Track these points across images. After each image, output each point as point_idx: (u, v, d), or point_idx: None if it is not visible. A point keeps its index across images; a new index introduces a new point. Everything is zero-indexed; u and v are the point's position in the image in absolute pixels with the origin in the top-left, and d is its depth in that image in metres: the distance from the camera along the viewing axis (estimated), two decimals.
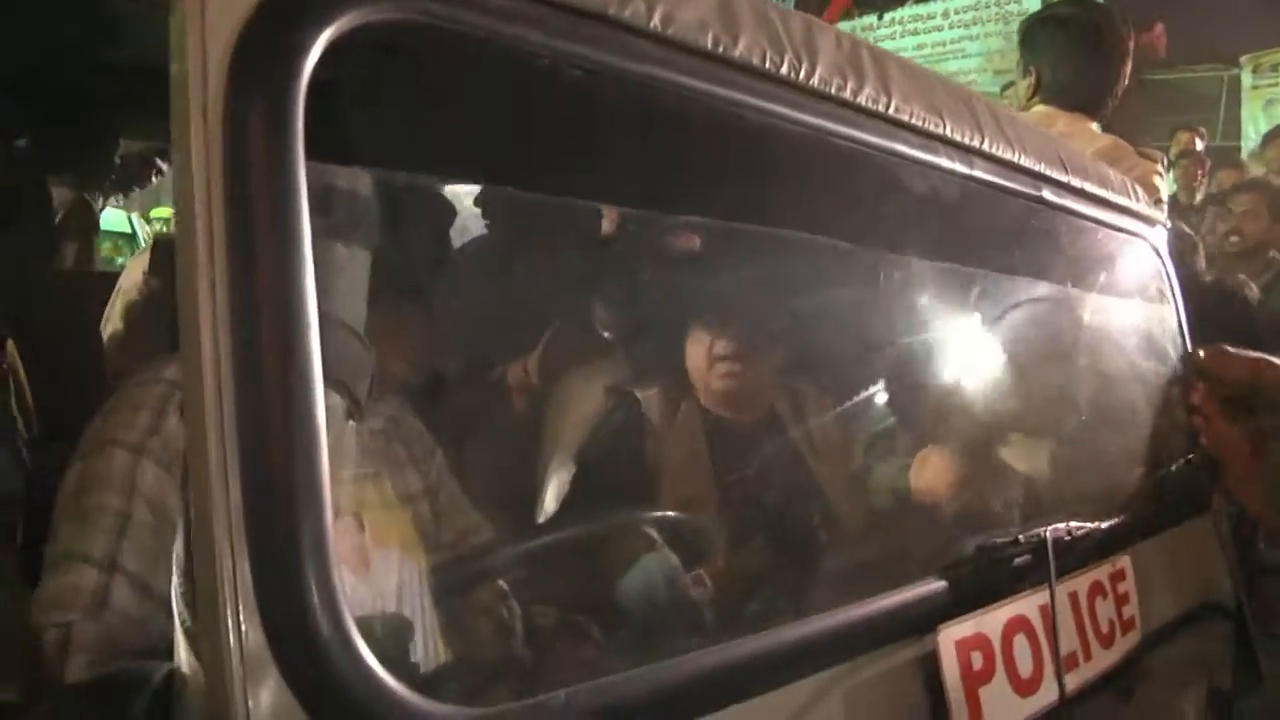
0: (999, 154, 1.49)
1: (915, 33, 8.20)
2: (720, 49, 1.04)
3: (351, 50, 0.78)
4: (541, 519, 1.48)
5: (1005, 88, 8.66)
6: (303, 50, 0.75)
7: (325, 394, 0.72)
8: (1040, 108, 2.52)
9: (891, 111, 1.27)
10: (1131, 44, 2.51)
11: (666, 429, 1.73)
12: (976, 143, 1.44)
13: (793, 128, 1.15)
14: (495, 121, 0.97)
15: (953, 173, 1.40)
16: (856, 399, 1.81)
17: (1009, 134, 1.53)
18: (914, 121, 1.31)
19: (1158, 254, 2.05)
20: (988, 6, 7.79)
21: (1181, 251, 2.44)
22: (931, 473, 1.71)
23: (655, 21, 0.98)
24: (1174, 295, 2.06)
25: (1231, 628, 1.57)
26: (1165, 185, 2.40)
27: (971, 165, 1.43)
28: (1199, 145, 6.18)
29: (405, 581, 0.96)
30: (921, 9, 8.14)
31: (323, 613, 0.67)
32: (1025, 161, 1.55)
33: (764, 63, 1.09)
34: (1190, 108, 7.85)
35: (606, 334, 1.84)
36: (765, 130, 1.14)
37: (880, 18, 8.25)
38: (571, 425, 1.78)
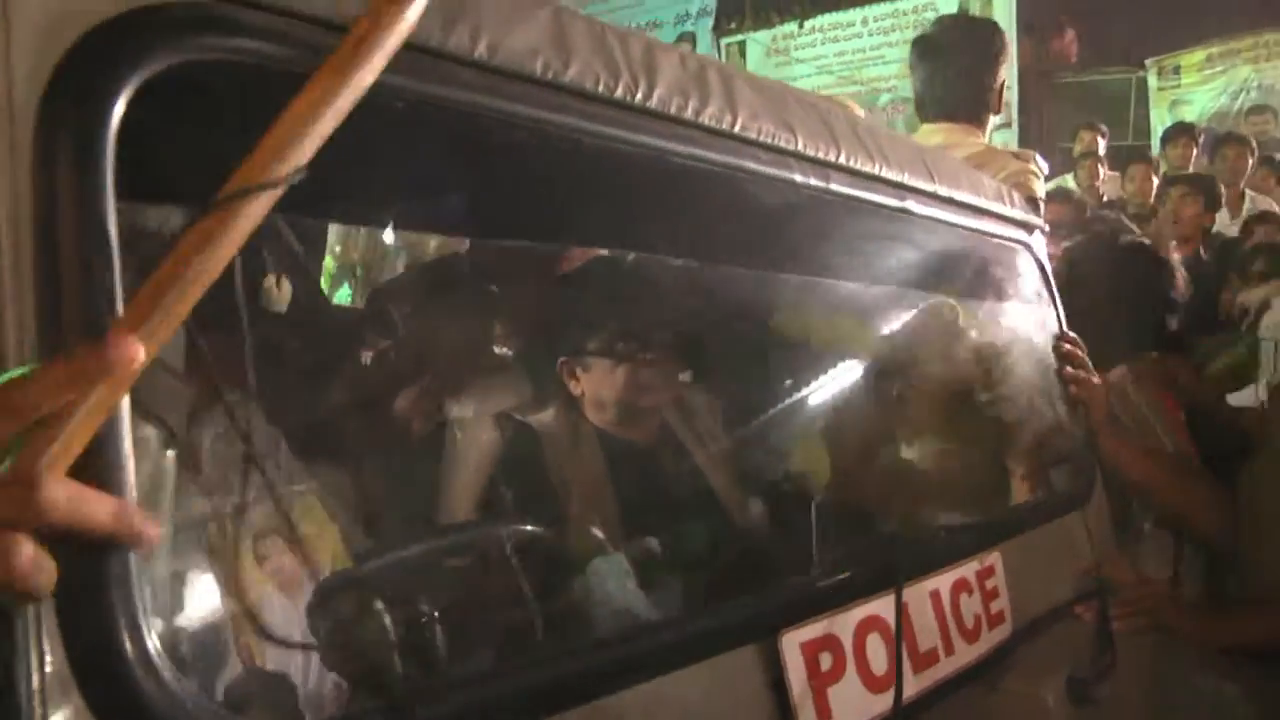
0: (858, 167, 1.53)
1: (836, 40, 8.33)
2: (550, 75, 1.06)
3: (163, 90, 0.79)
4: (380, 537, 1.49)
5: None
6: (112, 93, 0.76)
7: (137, 425, 0.73)
8: (924, 126, 2.61)
9: (738, 129, 1.31)
10: (1004, 49, 2.62)
11: (561, 452, 1.74)
12: (833, 157, 1.48)
13: (636, 150, 1.18)
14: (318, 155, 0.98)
15: (808, 187, 1.43)
16: (739, 405, 1.85)
17: (869, 147, 1.58)
18: (762, 138, 1.34)
19: (1034, 257, 2.12)
20: (905, 14, 7.96)
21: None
22: (808, 475, 1.75)
23: (480, 51, 1.00)
24: (1052, 296, 2.13)
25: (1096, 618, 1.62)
26: (1041, 185, 2.49)
27: (828, 179, 1.47)
28: (1101, 144, 6.37)
29: (230, 601, 0.97)
30: (841, 16, 8.28)
31: (125, 633, 0.68)
32: (887, 173, 1.60)
33: (597, 86, 1.11)
34: (1101, 108, 8.10)
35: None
36: (609, 153, 1.16)
37: (801, 25, 8.38)
38: (465, 453, 1.78)
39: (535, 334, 1.95)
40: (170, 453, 0.83)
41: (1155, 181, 5.56)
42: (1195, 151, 6.17)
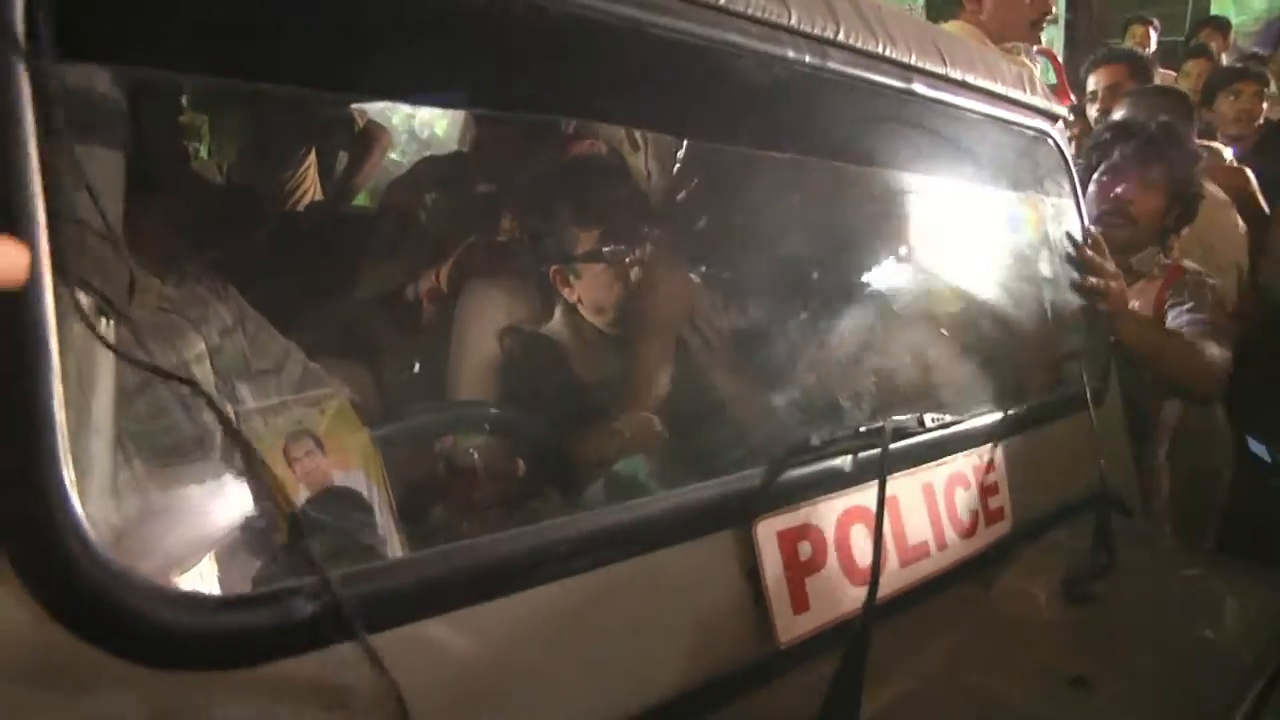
0: (858, 45, 1.45)
1: None
2: None
3: None
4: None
5: None
6: None
7: (66, 294, 0.72)
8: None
9: (724, 1, 1.23)
10: None
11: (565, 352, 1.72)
12: (830, 34, 1.40)
13: (609, 20, 1.12)
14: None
15: (803, 65, 1.36)
16: (744, 293, 1.80)
17: (873, 25, 1.49)
18: (751, 11, 1.27)
19: (1056, 146, 2.03)
20: None
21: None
22: (814, 365, 1.71)
23: None
24: (1074, 188, 2.05)
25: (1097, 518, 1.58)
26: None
27: (825, 57, 1.40)
28: (1153, 38, 6.05)
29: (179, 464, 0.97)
30: None
31: (50, 499, 0.67)
32: (891, 52, 1.52)
33: None
34: (1156, 1, 7.70)
35: None
36: (584, 23, 1.10)
37: None
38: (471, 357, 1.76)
39: (537, 229, 1.90)
40: (107, 320, 0.82)
41: None
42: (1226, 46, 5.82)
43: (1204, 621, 1.50)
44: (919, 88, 1.58)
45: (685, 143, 1.70)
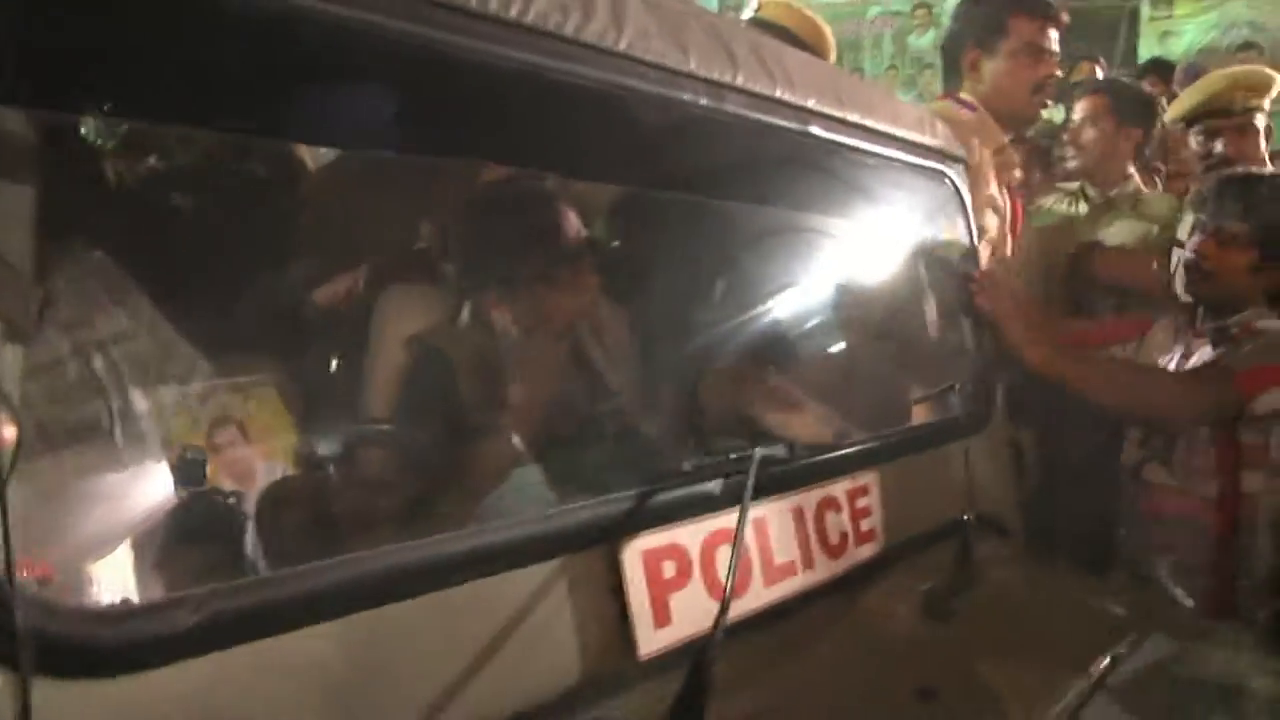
0: (756, 89, 1.53)
1: None
2: None
3: None
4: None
5: (916, 7, 8.72)
6: None
7: None
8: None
9: (623, 48, 1.31)
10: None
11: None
12: (729, 78, 1.48)
13: (511, 66, 1.19)
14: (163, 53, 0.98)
15: (700, 108, 1.44)
16: (649, 325, 1.88)
17: (772, 70, 1.58)
18: (649, 58, 1.35)
19: (954, 186, 2.14)
20: None
21: None
22: (720, 396, 1.80)
23: None
24: (969, 225, 2.16)
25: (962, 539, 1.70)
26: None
27: (722, 100, 1.48)
28: (1099, 74, 6.24)
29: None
30: None
31: None
32: (788, 96, 1.60)
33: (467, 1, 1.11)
34: (1093, 37, 7.96)
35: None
36: (486, 71, 1.17)
37: None
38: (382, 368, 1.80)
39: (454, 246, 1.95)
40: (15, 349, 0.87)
41: None
42: (1167, 90, 6.08)
43: (1051, 630, 1.61)
44: (815, 129, 1.67)
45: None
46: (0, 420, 0.79)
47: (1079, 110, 3.33)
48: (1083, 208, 3.34)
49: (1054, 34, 2.60)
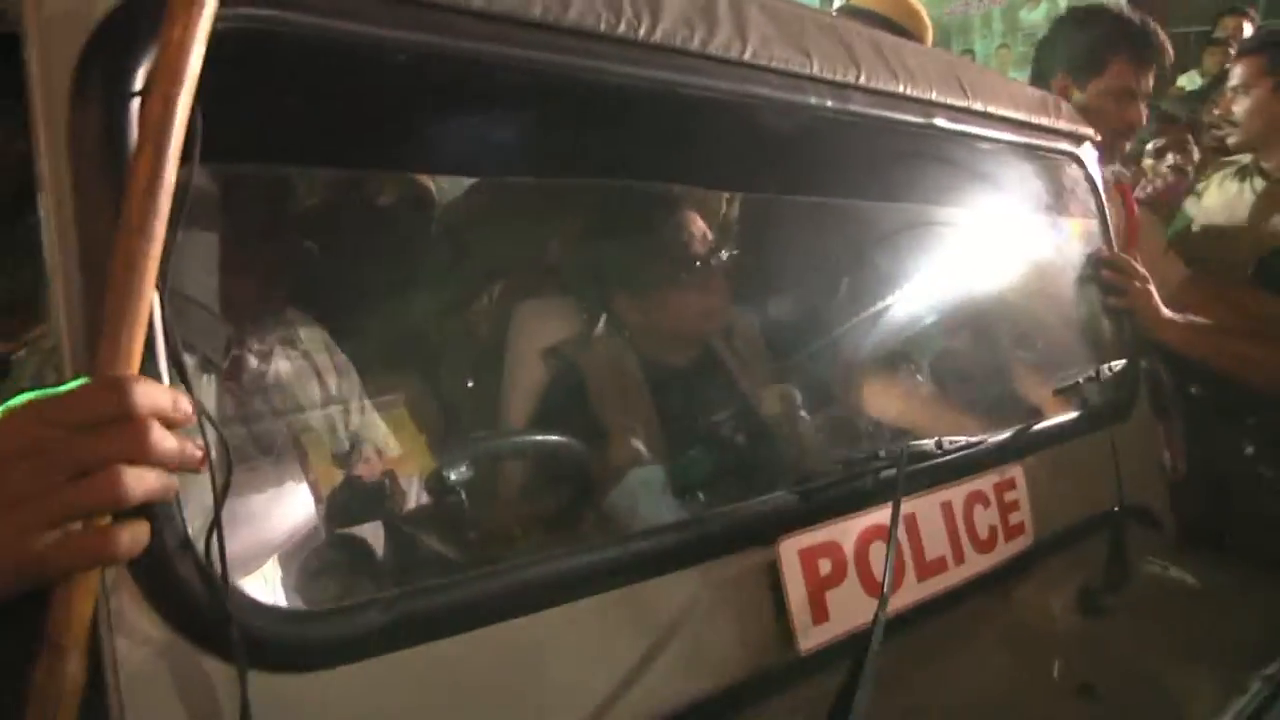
0: (879, 87, 1.54)
1: None
2: (550, 18, 1.11)
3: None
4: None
5: None
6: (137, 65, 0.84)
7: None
8: None
9: (748, 57, 1.33)
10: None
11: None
12: (852, 78, 1.49)
13: (643, 85, 1.23)
14: (327, 109, 1.06)
15: (826, 110, 1.46)
16: (781, 328, 1.90)
17: (893, 65, 1.58)
18: (774, 64, 1.37)
19: (1083, 167, 2.09)
20: None
21: None
22: (859, 394, 1.81)
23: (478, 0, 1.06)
24: (1100, 209, 2.11)
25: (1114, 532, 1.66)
26: None
27: (847, 101, 1.49)
28: (1247, 30, 5.64)
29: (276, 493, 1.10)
30: None
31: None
32: (911, 90, 1.60)
33: (599, 25, 1.16)
34: None
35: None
36: (619, 91, 1.21)
37: None
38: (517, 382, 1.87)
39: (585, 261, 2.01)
40: (209, 376, 0.95)
41: None
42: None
43: (1212, 629, 1.56)
44: (940, 121, 1.67)
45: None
46: (211, 444, 0.86)
47: (1234, 76, 2.97)
48: (1258, 184, 2.80)
49: (1150, 78, 2.45)
